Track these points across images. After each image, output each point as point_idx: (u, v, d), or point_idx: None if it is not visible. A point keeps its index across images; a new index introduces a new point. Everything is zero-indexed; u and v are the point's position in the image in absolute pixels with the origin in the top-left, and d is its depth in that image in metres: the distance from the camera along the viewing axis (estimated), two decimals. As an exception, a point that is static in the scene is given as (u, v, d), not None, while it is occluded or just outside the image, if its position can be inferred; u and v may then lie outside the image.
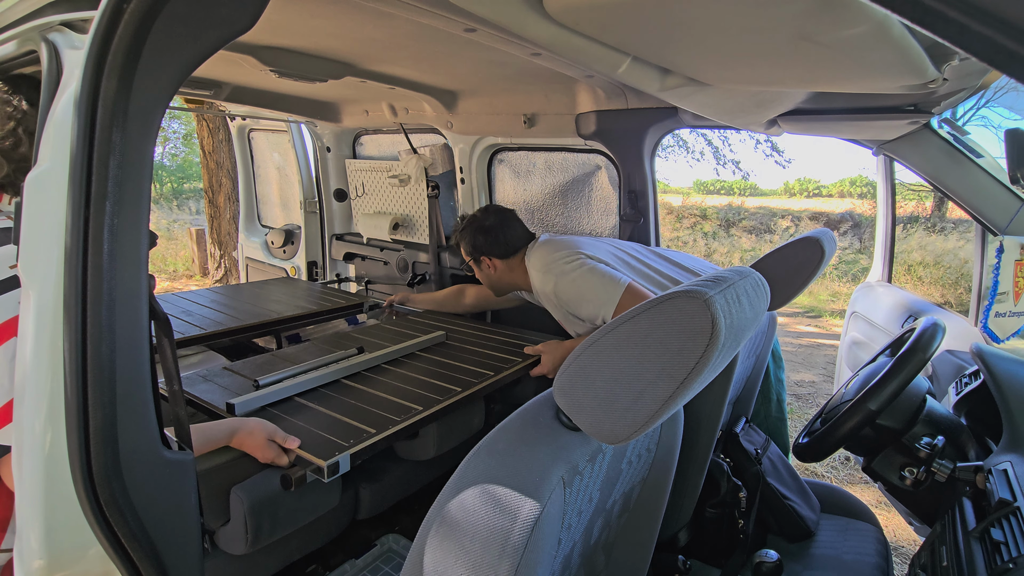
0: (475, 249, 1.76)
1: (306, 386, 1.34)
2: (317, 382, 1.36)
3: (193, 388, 1.31)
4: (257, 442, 1.05)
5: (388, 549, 1.38)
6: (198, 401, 1.25)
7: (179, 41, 0.61)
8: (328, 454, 1.04)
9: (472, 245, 1.77)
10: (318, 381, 1.37)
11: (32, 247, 0.63)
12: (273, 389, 1.27)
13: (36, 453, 0.62)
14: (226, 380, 1.39)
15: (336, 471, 1.02)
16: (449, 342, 1.77)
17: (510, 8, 0.82)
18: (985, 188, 1.51)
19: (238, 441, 1.05)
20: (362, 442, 1.09)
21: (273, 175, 3.23)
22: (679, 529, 1.23)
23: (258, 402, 1.23)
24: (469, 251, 1.79)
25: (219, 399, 1.25)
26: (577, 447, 0.63)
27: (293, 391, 1.30)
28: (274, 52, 1.55)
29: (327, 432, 1.12)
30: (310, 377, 1.35)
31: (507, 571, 0.53)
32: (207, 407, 1.23)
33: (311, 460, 1.03)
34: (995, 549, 0.82)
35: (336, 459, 1.02)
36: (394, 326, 1.93)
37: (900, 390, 1.11)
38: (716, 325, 0.54)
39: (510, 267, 1.76)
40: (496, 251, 1.74)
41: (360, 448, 1.07)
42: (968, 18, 0.28)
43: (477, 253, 1.77)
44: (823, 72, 0.98)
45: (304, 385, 1.33)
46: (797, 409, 3.77)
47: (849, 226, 11.12)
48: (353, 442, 1.08)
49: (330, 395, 1.32)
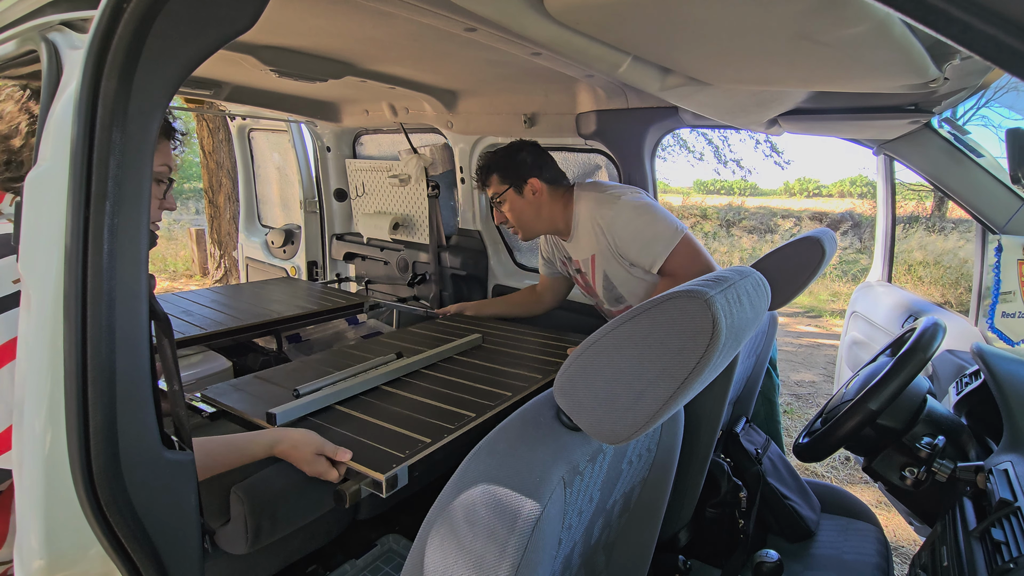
0: (517, 171, 1.55)
1: (347, 394, 1.25)
2: (357, 389, 1.28)
3: (224, 398, 1.24)
4: (303, 455, 0.97)
5: (388, 549, 1.38)
6: (233, 411, 1.19)
7: (179, 41, 0.61)
8: (385, 466, 0.95)
9: (515, 166, 1.55)
10: (358, 388, 1.28)
11: (32, 247, 0.63)
12: (314, 398, 1.19)
13: (36, 453, 0.62)
14: (258, 388, 1.32)
15: (395, 485, 0.94)
16: (486, 345, 1.68)
17: (510, 7, 0.82)
18: (986, 188, 1.51)
19: (282, 453, 0.98)
20: (419, 452, 1.00)
21: (273, 175, 3.23)
22: (679, 529, 1.23)
23: (299, 411, 1.15)
24: (510, 176, 1.57)
25: (255, 409, 1.18)
26: (577, 447, 0.63)
27: (333, 399, 1.22)
28: (274, 52, 1.55)
29: (378, 442, 1.04)
30: (350, 384, 1.27)
31: (508, 571, 0.53)
32: (243, 418, 1.17)
33: (367, 473, 0.94)
34: (996, 549, 0.82)
35: (395, 471, 0.94)
36: (424, 329, 1.85)
37: (901, 390, 1.11)
38: (717, 325, 0.54)
39: (553, 197, 1.59)
40: (548, 175, 1.57)
41: (418, 459, 0.99)
42: (971, 16, 0.28)
43: (521, 176, 1.56)
44: (824, 71, 0.98)
45: (345, 393, 1.25)
46: (797, 409, 3.77)
47: (849, 226, 11.13)
48: (409, 452, 1.00)
49: (372, 402, 1.24)
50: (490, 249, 2.43)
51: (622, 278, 1.59)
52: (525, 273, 2.42)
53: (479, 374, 1.42)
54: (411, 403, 1.24)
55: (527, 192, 1.58)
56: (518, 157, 1.57)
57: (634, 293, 1.64)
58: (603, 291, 1.67)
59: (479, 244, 2.43)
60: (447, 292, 2.51)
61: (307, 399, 1.18)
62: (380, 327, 2.36)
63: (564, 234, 1.67)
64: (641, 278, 1.59)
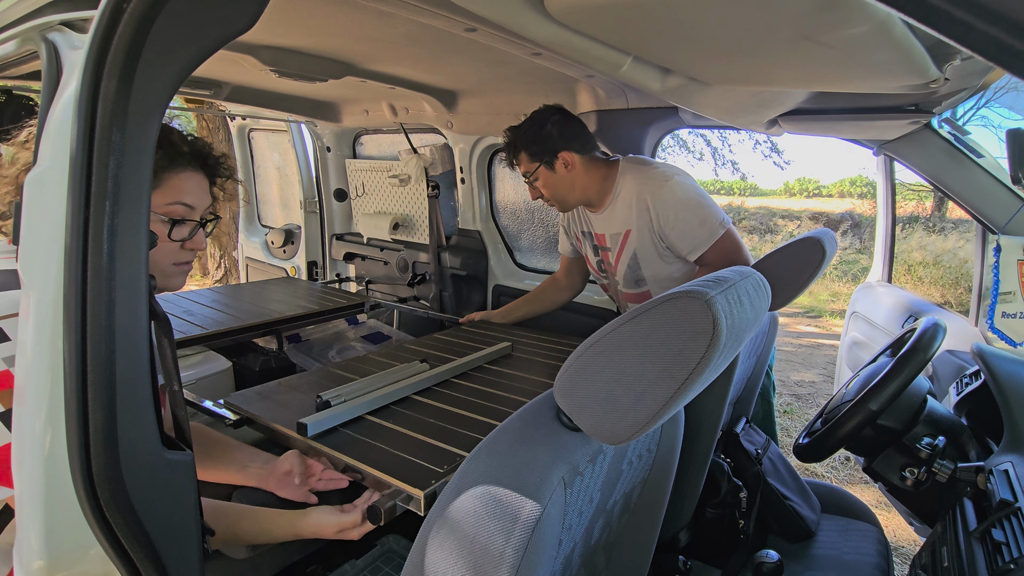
0: (545, 147, 1.47)
1: (378, 403, 1.21)
2: (388, 399, 1.24)
3: (249, 405, 1.22)
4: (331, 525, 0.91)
5: (388, 549, 1.38)
6: (258, 420, 1.16)
7: (179, 41, 0.61)
8: (423, 482, 0.91)
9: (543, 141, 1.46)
10: (389, 398, 1.24)
11: (32, 247, 0.63)
12: (345, 408, 1.15)
13: (36, 453, 0.62)
14: (284, 396, 1.28)
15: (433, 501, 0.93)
16: (517, 354, 1.63)
17: (511, 8, 0.82)
18: (986, 188, 1.51)
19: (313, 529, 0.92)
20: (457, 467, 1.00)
21: (273, 175, 3.23)
22: (680, 529, 1.23)
23: (331, 422, 1.11)
24: (539, 152, 1.49)
25: (282, 417, 1.15)
26: (578, 448, 0.63)
27: (365, 409, 1.18)
28: (274, 52, 1.54)
29: (413, 455, 1.00)
30: (380, 394, 1.23)
31: (508, 572, 0.53)
32: (269, 426, 1.14)
33: (403, 488, 0.91)
34: (996, 550, 0.82)
35: (433, 487, 0.90)
36: (449, 336, 1.82)
37: (901, 390, 1.11)
38: (717, 325, 0.54)
39: (588, 168, 1.51)
40: (579, 144, 1.48)
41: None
42: (974, 17, 0.28)
43: (551, 151, 1.48)
44: (825, 72, 0.98)
45: (376, 403, 1.21)
46: (797, 409, 3.77)
47: (849, 226, 11.12)
48: (448, 468, 0.95)
49: (404, 413, 1.21)
50: (490, 249, 2.43)
51: (651, 259, 1.53)
52: (525, 273, 2.42)
53: (512, 384, 1.38)
54: (444, 414, 1.20)
55: (559, 167, 1.50)
56: (544, 131, 1.47)
57: (656, 278, 1.58)
58: (624, 271, 1.60)
59: (479, 244, 2.43)
60: (447, 292, 2.51)
61: (338, 409, 1.14)
62: (380, 327, 2.36)
63: (594, 206, 1.59)
64: (671, 263, 1.54)
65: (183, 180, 0.87)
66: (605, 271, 1.72)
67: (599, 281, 1.80)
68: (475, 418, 1.18)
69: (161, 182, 0.84)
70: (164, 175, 0.84)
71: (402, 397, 1.28)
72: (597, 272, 1.76)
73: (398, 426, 1.13)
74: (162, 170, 0.84)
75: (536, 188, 1.57)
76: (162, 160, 0.84)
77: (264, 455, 1.11)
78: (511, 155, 1.57)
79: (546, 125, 1.48)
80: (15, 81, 1.29)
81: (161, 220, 0.85)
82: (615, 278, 1.67)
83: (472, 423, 1.15)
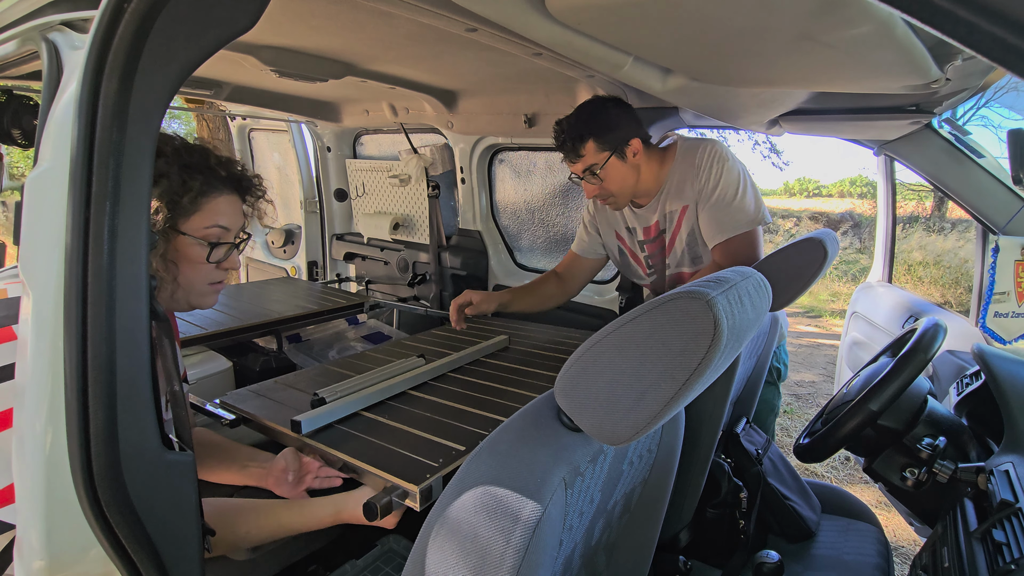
0: (615, 133, 1.30)
1: (373, 399, 1.20)
2: (384, 395, 1.23)
3: (245, 404, 1.22)
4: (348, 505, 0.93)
5: (388, 549, 1.38)
6: (255, 419, 1.16)
7: (179, 41, 0.61)
8: (419, 477, 0.89)
9: (612, 126, 1.30)
10: (385, 393, 1.23)
11: (32, 247, 0.63)
12: (339, 404, 1.14)
13: (36, 453, 0.62)
14: (280, 394, 1.28)
15: (429, 497, 0.88)
16: (513, 346, 1.61)
17: (511, 8, 0.82)
18: (986, 188, 1.51)
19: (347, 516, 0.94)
20: (453, 461, 0.94)
21: (273, 175, 3.23)
22: (680, 530, 1.23)
23: (325, 419, 1.10)
24: (609, 140, 1.31)
25: (278, 416, 1.14)
26: (578, 448, 0.63)
27: (360, 405, 1.18)
28: (274, 52, 1.54)
29: (410, 451, 0.99)
30: (375, 390, 1.22)
31: (509, 572, 0.53)
32: (265, 425, 1.13)
33: (398, 484, 0.89)
34: (997, 550, 0.82)
35: (429, 483, 0.88)
36: (447, 331, 1.79)
37: (901, 391, 1.11)
38: (718, 326, 0.54)
39: (649, 157, 1.38)
40: (644, 132, 1.35)
41: (453, 468, 0.93)
42: (978, 18, 0.28)
43: (622, 138, 1.31)
44: (826, 72, 0.98)
45: (371, 398, 1.20)
46: (797, 409, 3.77)
47: (849, 226, 11.12)
48: (443, 462, 0.94)
49: (399, 408, 1.20)
50: (490, 249, 2.43)
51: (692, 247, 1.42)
52: (525, 273, 2.42)
53: (510, 376, 1.37)
54: (441, 408, 1.19)
55: (629, 155, 1.33)
56: (610, 115, 1.29)
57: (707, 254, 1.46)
58: (685, 249, 1.46)
59: (479, 244, 2.43)
60: (447, 292, 2.51)
61: (332, 406, 1.14)
62: (380, 327, 2.36)
63: (644, 198, 1.45)
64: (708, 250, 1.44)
65: (220, 203, 0.88)
66: (653, 266, 1.60)
67: (642, 282, 1.68)
68: (472, 412, 1.17)
69: (199, 207, 0.85)
70: (202, 200, 0.85)
71: (398, 393, 1.27)
72: (644, 270, 1.62)
73: (393, 421, 1.13)
74: (202, 196, 0.85)
75: (597, 182, 1.37)
76: (203, 186, 0.84)
77: (264, 455, 1.11)
78: (573, 147, 1.35)
79: (607, 107, 1.31)
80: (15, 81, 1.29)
81: (199, 243, 0.85)
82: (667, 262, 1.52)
83: (469, 417, 1.14)
